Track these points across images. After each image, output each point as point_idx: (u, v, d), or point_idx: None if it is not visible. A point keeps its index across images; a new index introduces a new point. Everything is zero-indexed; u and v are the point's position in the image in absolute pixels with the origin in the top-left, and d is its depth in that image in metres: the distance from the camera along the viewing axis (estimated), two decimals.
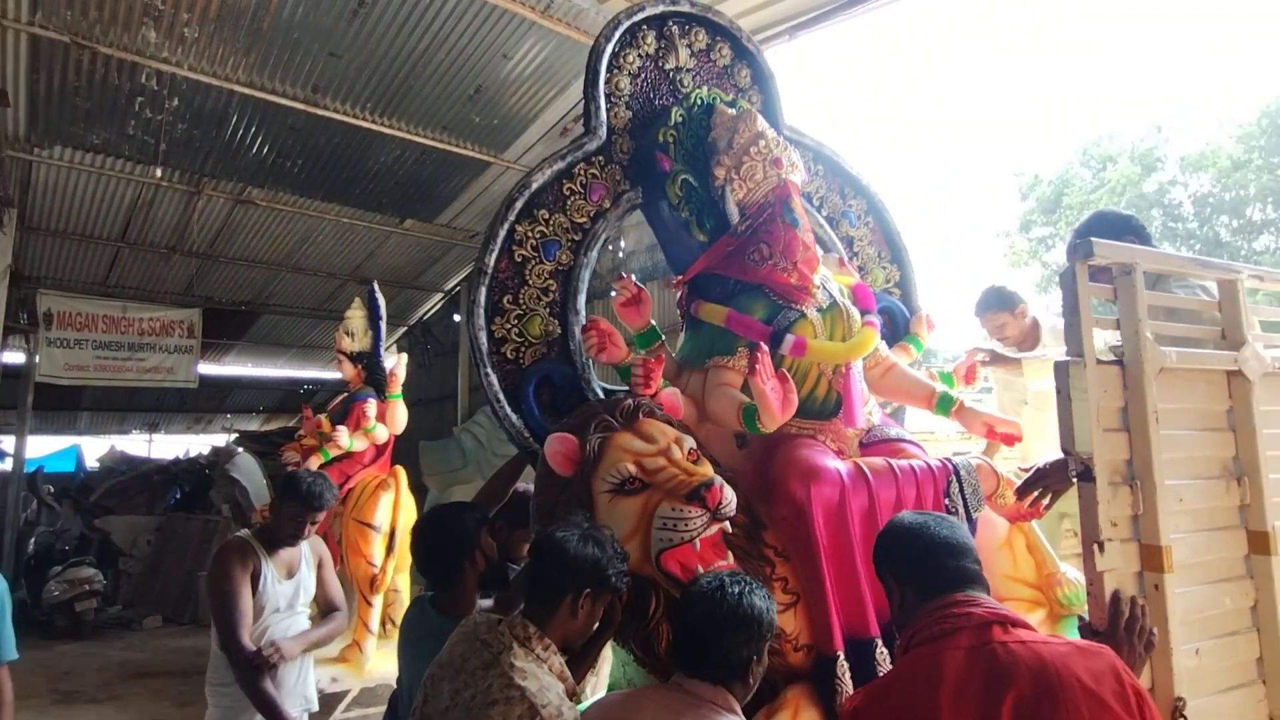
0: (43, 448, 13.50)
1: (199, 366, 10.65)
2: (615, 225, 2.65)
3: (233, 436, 12.72)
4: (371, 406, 4.66)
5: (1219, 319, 1.96)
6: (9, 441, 10.50)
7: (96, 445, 14.70)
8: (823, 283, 2.38)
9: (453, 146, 6.78)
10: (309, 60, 5.55)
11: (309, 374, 14.53)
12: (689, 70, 2.78)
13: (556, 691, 1.54)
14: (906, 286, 3.14)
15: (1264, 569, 1.81)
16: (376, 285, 5.20)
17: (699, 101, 2.61)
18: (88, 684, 6.08)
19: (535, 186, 2.45)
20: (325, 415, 4.85)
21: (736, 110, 2.51)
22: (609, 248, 7.29)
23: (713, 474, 1.89)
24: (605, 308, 5.59)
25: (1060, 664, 1.25)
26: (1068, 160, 15.92)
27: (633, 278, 2.53)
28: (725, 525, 1.88)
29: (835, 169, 3.11)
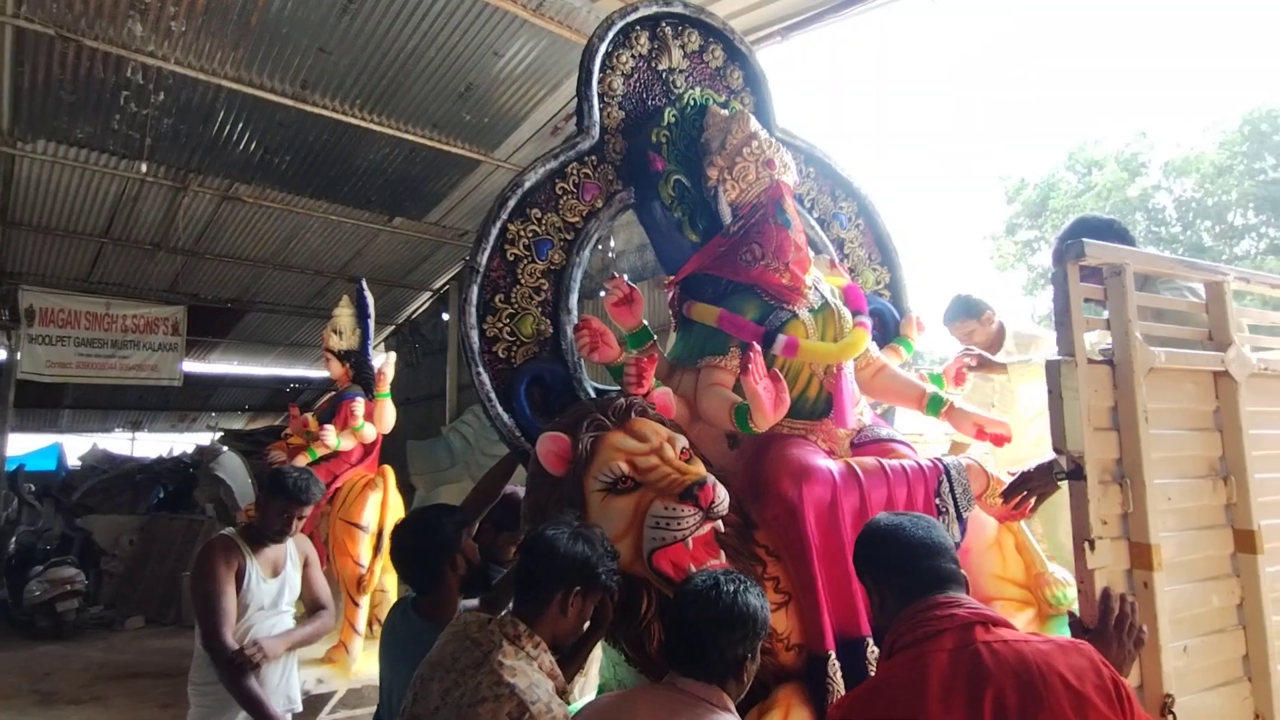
0: (24, 446, 13.31)
1: (183, 364, 10.57)
2: (607, 225, 2.64)
3: (217, 435, 12.56)
4: (359, 405, 4.62)
5: (1206, 320, 1.98)
6: None
7: (79, 443, 14.46)
8: (814, 283, 2.39)
9: (442, 144, 6.75)
10: (298, 56, 5.51)
11: (295, 372, 14.41)
12: (682, 71, 2.78)
13: (546, 689, 1.53)
14: (896, 288, 3.16)
15: (1250, 567, 1.83)
16: (365, 283, 5.15)
17: (692, 102, 2.62)
18: (69, 685, 6.01)
19: (528, 185, 2.45)
20: (312, 414, 4.80)
21: (730, 111, 2.52)
22: (599, 247, 7.28)
23: (705, 473, 1.89)
24: (596, 307, 5.59)
25: (1042, 662, 1.26)
26: (1054, 164, 16.14)
27: (624, 277, 2.53)
28: (718, 524, 1.88)
29: (827, 171, 3.12)
